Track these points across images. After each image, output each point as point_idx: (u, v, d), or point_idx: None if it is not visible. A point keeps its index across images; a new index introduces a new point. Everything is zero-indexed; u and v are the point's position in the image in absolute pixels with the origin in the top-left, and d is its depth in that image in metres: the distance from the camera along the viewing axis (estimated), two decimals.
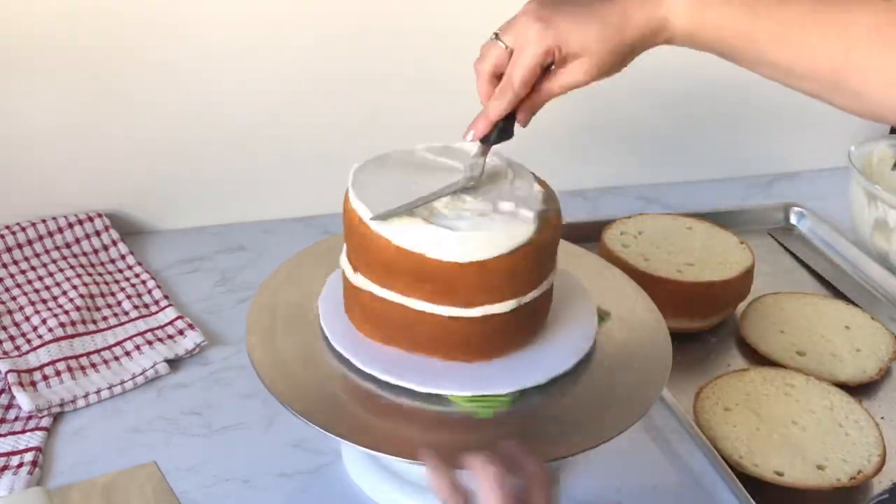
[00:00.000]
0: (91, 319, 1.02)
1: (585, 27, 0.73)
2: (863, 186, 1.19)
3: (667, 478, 0.89)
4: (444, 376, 0.76)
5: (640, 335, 0.86)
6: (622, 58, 0.75)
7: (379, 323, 0.78)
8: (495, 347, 0.78)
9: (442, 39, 1.20)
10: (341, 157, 1.22)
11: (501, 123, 0.76)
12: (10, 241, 1.10)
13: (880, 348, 1.05)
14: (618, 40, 0.73)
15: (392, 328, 0.77)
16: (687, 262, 1.09)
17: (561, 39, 0.73)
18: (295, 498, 0.85)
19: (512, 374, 0.77)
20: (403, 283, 0.74)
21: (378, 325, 0.78)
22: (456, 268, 0.72)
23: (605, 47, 0.73)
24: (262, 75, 1.16)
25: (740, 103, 1.36)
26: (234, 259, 1.16)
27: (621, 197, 1.35)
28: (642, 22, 0.73)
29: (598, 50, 0.73)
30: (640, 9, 0.73)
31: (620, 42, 0.73)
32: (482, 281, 0.74)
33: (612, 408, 0.77)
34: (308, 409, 0.73)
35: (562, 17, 0.73)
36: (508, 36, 0.75)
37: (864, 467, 0.88)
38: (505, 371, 0.77)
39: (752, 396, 0.95)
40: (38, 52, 1.07)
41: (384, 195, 0.76)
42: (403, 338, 0.77)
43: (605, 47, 0.73)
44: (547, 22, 0.73)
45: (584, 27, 0.73)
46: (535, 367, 0.78)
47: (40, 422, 0.89)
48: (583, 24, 0.73)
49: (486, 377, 0.77)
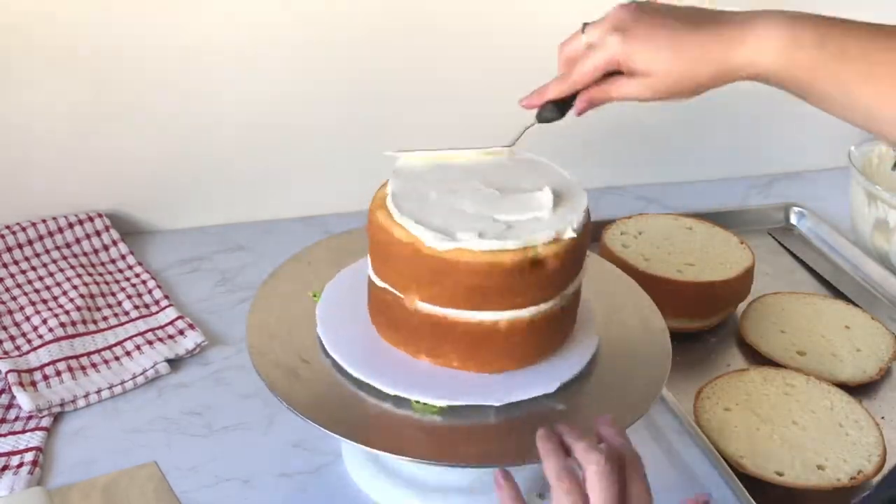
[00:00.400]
0: (91, 319, 1.02)
1: (657, 51, 0.73)
2: (863, 186, 1.19)
3: (667, 478, 0.89)
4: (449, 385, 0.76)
5: (640, 335, 0.86)
6: (691, 88, 0.75)
7: (417, 335, 0.77)
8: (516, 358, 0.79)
9: (444, 41, 1.20)
10: (342, 157, 1.24)
11: (557, 105, 0.79)
12: (10, 241, 1.10)
13: (880, 348, 1.05)
14: (688, 71, 0.73)
15: (436, 340, 0.77)
16: (687, 262, 1.09)
17: (630, 55, 0.74)
18: (295, 498, 0.85)
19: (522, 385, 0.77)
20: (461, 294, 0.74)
21: (414, 336, 0.78)
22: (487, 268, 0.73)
23: (672, 74, 0.74)
24: (263, 75, 1.16)
25: (740, 103, 1.36)
26: (234, 259, 1.16)
27: (621, 197, 1.35)
28: (720, 61, 0.73)
29: (663, 75, 0.74)
30: (723, 47, 0.73)
31: (691, 74, 0.74)
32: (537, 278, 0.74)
33: (612, 408, 0.77)
34: (308, 409, 0.74)
35: (641, 34, 0.74)
36: (592, 32, 0.76)
37: (864, 467, 0.88)
38: (512, 382, 0.77)
39: (752, 396, 0.95)
40: (38, 53, 1.07)
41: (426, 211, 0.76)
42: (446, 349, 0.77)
43: (671, 74, 0.74)
44: (625, 34, 0.74)
45: (655, 51, 0.73)
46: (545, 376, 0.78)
47: (40, 422, 0.89)
48: (656, 47, 0.73)
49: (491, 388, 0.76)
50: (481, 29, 1.20)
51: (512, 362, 0.78)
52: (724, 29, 0.73)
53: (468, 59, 1.22)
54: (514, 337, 0.76)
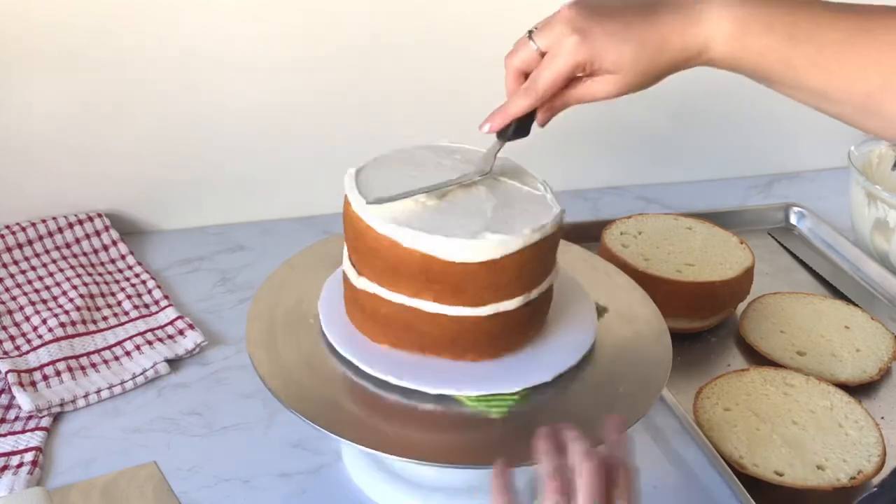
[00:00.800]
0: (91, 319, 1.02)
1: (622, 46, 0.72)
2: (863, 186, 1.19)
3: (667, 478, 0.89)
4: (451, 377, 0.76)
5: (640, 335, 0.86)
6: (653, 78, 0.75)
7: (385, 326, 0.78)
8: (503, 346, 0.79)
9: (442, 42, 1.20)
10: (341, 157, 1.22)
11: (519, 121, 0.77)
12: (10, 241, 1.10)
13: (880, 348, 1.05)
14: (652, 62, 0.73)
15: (399, 331, 0.77)
16: (687, 262, 1.09)
17: (595, 55, 0.73)
18: (295, 498, 0.85)
19: (519, 372, 0.77)
20: (412, 286, 0.74)
21: (384, 328, 0.78)
22: (467, 267, 0.73)
23: (639, 67, 0.73)
24: (263, 75, 1.16)
25: (740, 103, 1.36)
26: (234, 259, 1.16)
27: (621, 197, 1.35)
28: (679, 46, 0.73)
29: (631, 69, 0.73)
30: (679, 33, 0.73)
31: (655, 64, 0.73)
32: (492, 279, 0.74)
33: (612, 408, 0.77)
34: (308, 409, 0.74)
35: (599, 32, 0.72)
36: (543, 38, 0.75)
37: (864, 467, 0.88)
38: (512, 369, 0.78)
39: (752, 396, 0.95)
40: (38, 54, 1.07)
41: (387, 192, 0.76)
42: (411, 340, 0.77)
43: (638, 67, 0.73)
44: (584, 35, 0.72)
45: (620, 46, 0.72)
46: (542, 363, 0.79)
47: (40, 422, 0.89)
48: (619, 42, 0.72)
49: (493, 376, 0.77)
50: (481, 31, 1.20)
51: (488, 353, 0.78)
52: (677, 14, 0.73)
53: (468, 60, 1.21)
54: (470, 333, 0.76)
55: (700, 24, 0.72)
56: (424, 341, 0.77)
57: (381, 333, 0.78)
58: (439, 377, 0.76)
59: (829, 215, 1.31)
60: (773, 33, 0.72)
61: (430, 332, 0.76)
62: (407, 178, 0.78)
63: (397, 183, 0.77)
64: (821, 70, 0.71)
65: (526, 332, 0.80)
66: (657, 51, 0.73)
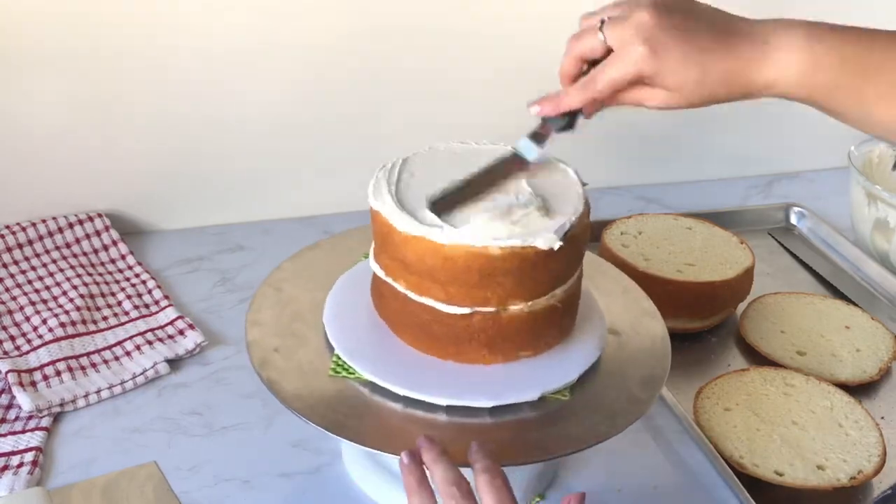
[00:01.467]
0: (91, 319, 1.02)
1: (689, 71, 0.72)
2: (863, 186, 1.19)
3: (667, 478, 0.89)
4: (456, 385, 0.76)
5: (639, 335, 0.86)
6: (709, 103, 0.75)
7: (408, 323, 0.78)
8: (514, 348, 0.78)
9: (444, 41, 1.20)
10: (341, 157, 1.24)
11: (571, 113, 0.77)
12: (10, 241, 1.10)
13: (880, 348, 1.05)
14: (714, 92, 0.74)
15: (421, 329, 0.77)
16: (687, 262, 1.09)
17: (660, 72, 0.72)
18: (295, 498, 0.85)
19: (529, 381, 0.77)
20: (440, 282, 0.74)
21: (407, 325, 0.78)
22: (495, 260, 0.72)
23: (699, 92, 0.74)
24: (263, 75, 1.16)
25: (741, 103, 1.36)
26: (234, 259, 1.16)
27: (621, 197, 1.35)
28: (745, 82, 0.73)
29: (691, 93, 0.74)
30: (748, 71, 0.72)
31: (714, 94, 0.74)
32: (521, 276, 0.73)
33: (612, 407, 0.77)
34: (308, 409, 0.74)
35: (672, 50, 0.72)
36: (613, 34, 0.73)
37: (864, 467, 0.88)
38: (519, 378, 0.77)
39: (752, 396, 0.95)
40: (39, 53, 1.07)
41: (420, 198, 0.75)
42: (433, 340, 0.77)
43: (698, 92, 0.74)
44: (654, 50, 0.72)
45: (685, 70, 0.72)
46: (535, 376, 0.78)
47: (40, 422, 0.89)
48: (686, 67, 0.72)
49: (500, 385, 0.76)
50: (485, 29, 1.20)
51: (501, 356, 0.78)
52: (747, 46, 0.72)
53: (471, 58, 1.22)
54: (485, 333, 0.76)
55: (770, 62, 0.72)
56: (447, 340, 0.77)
57: (404, 330, 0.78)
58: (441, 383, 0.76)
59: (829, 215, 1.31)
60: (844, 68, 0.71)
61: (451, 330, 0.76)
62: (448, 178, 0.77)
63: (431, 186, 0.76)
64: (891, 106, 0.71)
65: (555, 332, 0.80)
66: (722, 83, 0.73)
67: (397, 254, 0.75)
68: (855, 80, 0.72)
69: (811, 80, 0.72)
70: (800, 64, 0.72)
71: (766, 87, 0.73)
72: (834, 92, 0.72)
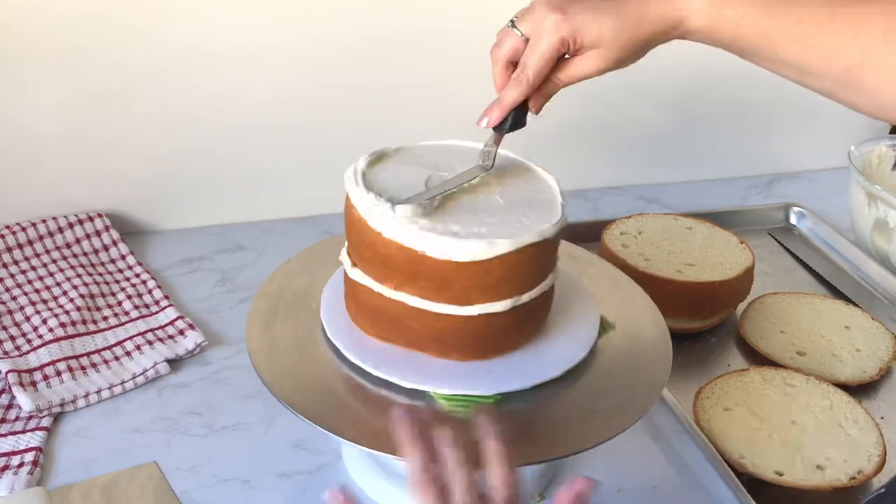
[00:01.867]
0: (91, 319, 1.02)
1: (602, 19, 0.74)
2: (863, 186, 1.19)
3: (666, 478, 0.89)
4: (428, 373, 0.76)
5: (640, 335, 0.86)
6: (636, 52, 0.76)
7: (375, 318, 0.78)
8: (490, 348, 0.78)
9: (441, 40, 1.20)
10: (341, 157, 1.23)
11: (514, 112, 0.78)
12: (10, 241, 1.10)
13: (880, 348, 1.05)
14: (633, 34, 0.75)
15: (388, 324, 0.77)
16: (687, 262, 1.09)
17: (577, 30, 0.74)
18: (295, 498, 0.85)
19: (497, 376, 0.76)
20: (400, 279, 0.74)
21: (374, 320, 0.78)
22: (454, 266, 0.72)
23: (620, 40, 0.74)
24: (263, 75, 1.16)
25: (740, 103, 1.36)
26: (234, 259, 1.16)
27: (621, 197, 1.35)
28: (658, 18, 0.74)
29: (613, 42, 0.74)
30: (657, 4, 0.74)
31: (635, 36, 0.75)
32: (479, 280, 0.73)
33: (612, 407, 0.77)
34: (309, 409, 0.74)
35: (578, 8, 0.74)
36: (524, 24, 0.76)
37: (864, 467, 0.88)
38: (491, 372, 0.77)
39: (752, 396, 0.95)
40: (38, 53, 1.07)
41: (394, 189, 0.75)
42: (399, 334, 0.77)
43: (620, 40, 0.74)
44: (564, 13, 0.74)
45: (600, 19, 0.74)
46: (524, 371, 0.77)
47: (41, 422, 0.89)
48: (599, 16, 0.74)
49: (470, 377, 0.76)
50: (482, 29, 1.20)
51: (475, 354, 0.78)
52: None
53: (469, 58, 1.21)
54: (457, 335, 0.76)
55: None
56: (411, 336, 0.77)
57: (371, 326, 0.78)
58: (418, 372, 0.75)
59: (829, 215, 1.31)
60: (751, 4, 0.72)
61: (416, 327, 0.76)
62: (415, 174, 0.78)
63: (404, 179, 0.77)
64: (798, 43, 0.72)
65: (514, 336, 0.79)
66: (636, 23, 0.74)
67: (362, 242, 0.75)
68: (761, 16, 0.72)
69: (717, 14, 0.73)
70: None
71: (677, 23, 0.74)
72: (741, 28, 0.73)
